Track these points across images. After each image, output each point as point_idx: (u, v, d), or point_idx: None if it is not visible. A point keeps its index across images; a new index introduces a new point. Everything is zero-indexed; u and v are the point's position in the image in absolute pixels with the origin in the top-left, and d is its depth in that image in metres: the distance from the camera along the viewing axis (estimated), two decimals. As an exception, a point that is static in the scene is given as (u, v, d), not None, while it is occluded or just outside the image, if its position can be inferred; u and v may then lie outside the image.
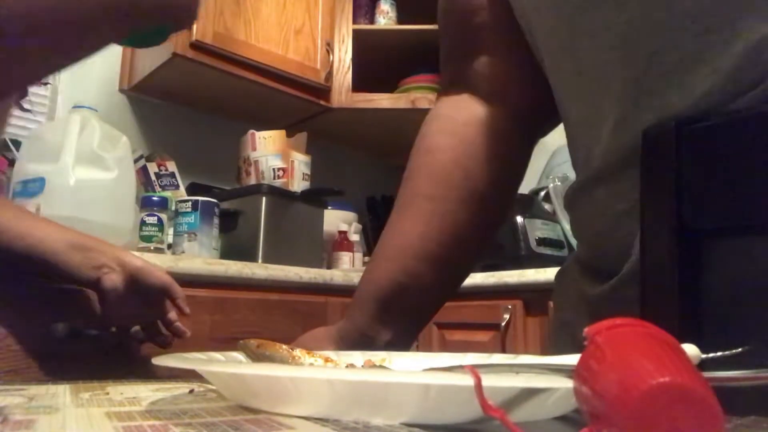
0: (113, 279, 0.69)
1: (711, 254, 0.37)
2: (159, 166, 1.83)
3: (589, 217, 0.48)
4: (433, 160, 0.59)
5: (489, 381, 0.23)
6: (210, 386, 0.40)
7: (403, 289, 0.57)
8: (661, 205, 0.37)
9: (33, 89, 1.54)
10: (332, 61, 2.03)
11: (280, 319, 1.45)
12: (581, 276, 0.51)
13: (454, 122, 0.60)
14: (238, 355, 0.42)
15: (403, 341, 0.59)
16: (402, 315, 0.58)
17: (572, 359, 0.23)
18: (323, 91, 2.02)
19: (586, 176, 0.47)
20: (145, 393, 0.37)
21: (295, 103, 2.01)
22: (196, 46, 1.71)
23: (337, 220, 2.04)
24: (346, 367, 0.43)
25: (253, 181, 1.75)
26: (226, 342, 0.43)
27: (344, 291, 1.57)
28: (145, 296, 0.72)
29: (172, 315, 0.76)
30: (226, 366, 0.32)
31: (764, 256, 0.36)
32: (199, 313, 1.31)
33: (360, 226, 2.19)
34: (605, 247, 0.46)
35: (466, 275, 0.64)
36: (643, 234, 0.39)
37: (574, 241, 1.75)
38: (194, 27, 1.69)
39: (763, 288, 0.36)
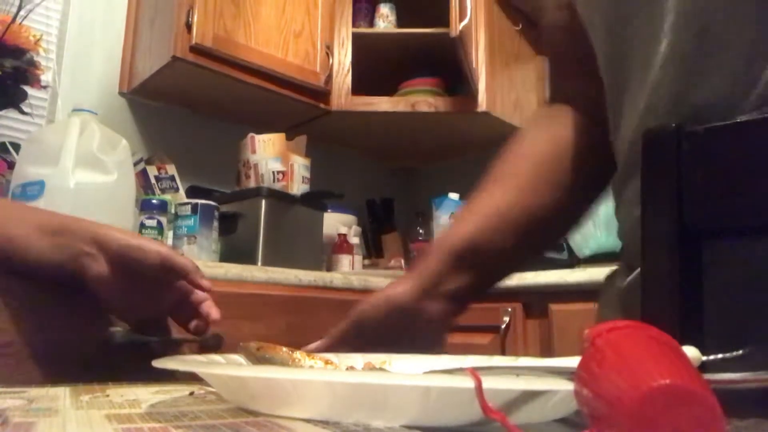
0: (94, 269, 0.55)
1: (711, 255, 0.37)
2: (159, 169, 1.83)
3: (620, 215, 0.53)
4: (528, 151, 0.64)
5: (489, 383, 0.23)
6: (210, 389, 0.40)
7: (482, 243, 0.60)
8: (662, 206, 0.37)
9: (32, 92, 1.54)
10: (332, 65, 2.03)
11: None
12: (622, 271, 0.55)
13: (551, 124, 0.66)
14: (238, 358, 0.42)
15: (471, 294, 0.61)
16: (475, 267, 0.60)
17: (573, 361, 0.23)
18: (323, 94, 2.02)
19: (618, 179, 0.52)
20: (145, 395, 0.37)
21: (294, 106, 2.01)
22: (196, 49, 1.71)
23: (336, 222, 2.04)
24: (346, 369, 0.43)
25: (252, 184, 1.75)
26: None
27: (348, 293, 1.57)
28: (146, 280, 0.56)
29: (198, 295, 0.60)
30: (226, 368, 0.32)
31: (764, 257, 0.36)
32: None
33: (359, 229, 2.19)
34: (631, 244, 0.50)
35: (540, 253, 0.68)
36: (644, 235, 0.39)
37: (573, 244, 1.75)
38: (194, 30, 1.69)
39: (763, 289, 0.36)
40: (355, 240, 2.11)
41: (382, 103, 2.08)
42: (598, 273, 1.35)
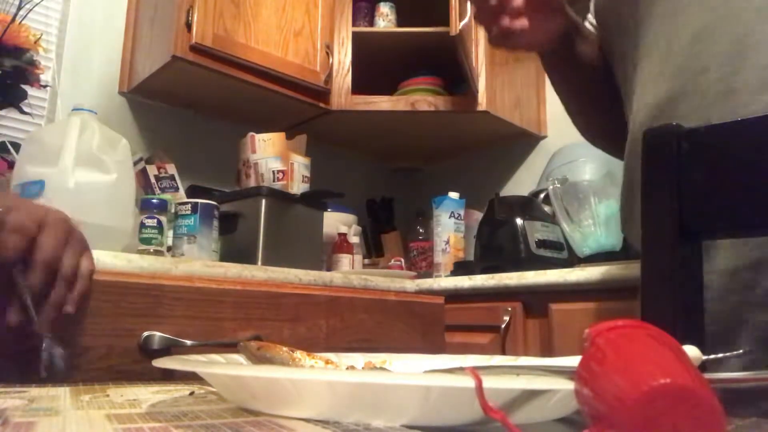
0: None
1: (711, 255, 0.37)
2: (159, 168, 1.83)
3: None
4: None
5: (490, 383, 0.23)
6: (211, 388, 0.40)
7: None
8: (662, 206, 0.37)
9: (32, 91, 1.54)
10: (332, 64, 2.03)
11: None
12: None
13: None
14: (238, 358, 0.42)
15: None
16: None
17: (573, 361, 0.23)
18: (323, 93, 2.02)
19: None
20: (145, 395, 0.37)
21: (294, 105, 2.01)
22: (196, 48, 1.71)
23: (336, 222, 2.04)
24: (347, 368, 0.43)
25: (252, 183, 1.75)
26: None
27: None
28: None
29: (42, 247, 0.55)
30: (226, 368, 0.32)
31: (764, 257, 0.36)
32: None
33: (360, 229, 2.19)
34: None
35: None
36: (643, 234, 0.39)
37: (573, 244, 1.75)
38: (194, 29, 1.69)
39: (762, 288, 0.36)
40: (355, 239, 2.11)
41: (382, 103, 2.08)
42: (598, 273, 1.35)
